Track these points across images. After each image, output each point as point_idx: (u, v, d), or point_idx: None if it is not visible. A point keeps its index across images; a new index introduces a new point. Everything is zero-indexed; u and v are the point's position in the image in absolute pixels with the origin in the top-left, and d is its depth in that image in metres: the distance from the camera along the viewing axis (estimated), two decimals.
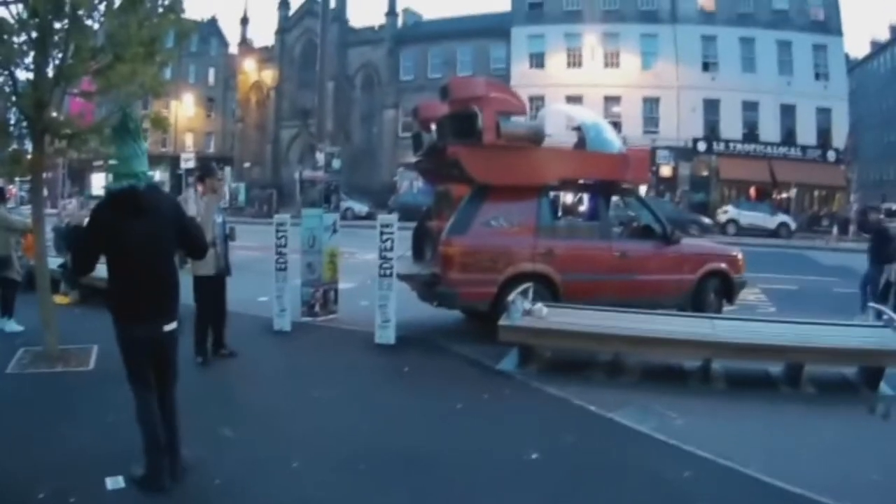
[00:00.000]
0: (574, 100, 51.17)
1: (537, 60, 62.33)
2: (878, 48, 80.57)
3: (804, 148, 57.29)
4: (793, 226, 48.69)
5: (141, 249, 6.12)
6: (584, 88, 57.09)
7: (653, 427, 8.23)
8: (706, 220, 46.59)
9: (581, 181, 14.28)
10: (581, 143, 14.27)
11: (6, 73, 10.22)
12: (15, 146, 11.37)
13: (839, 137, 57.38)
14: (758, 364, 10.82)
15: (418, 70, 67.10)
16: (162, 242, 6.28)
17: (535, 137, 13.15)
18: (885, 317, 11.10)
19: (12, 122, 10.98)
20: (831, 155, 57.31)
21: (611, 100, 58.29)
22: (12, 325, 12.56)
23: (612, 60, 60.53)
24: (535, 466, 7.01)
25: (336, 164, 14.97)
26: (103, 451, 6.66)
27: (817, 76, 58.28)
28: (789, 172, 55.04)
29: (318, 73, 39.27)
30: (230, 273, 11.22)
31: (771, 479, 6.66)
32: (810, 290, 16.86)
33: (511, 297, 11.44)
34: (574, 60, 61.42)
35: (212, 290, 10.87)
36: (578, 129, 14.68)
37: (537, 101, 44.78)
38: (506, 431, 8.09)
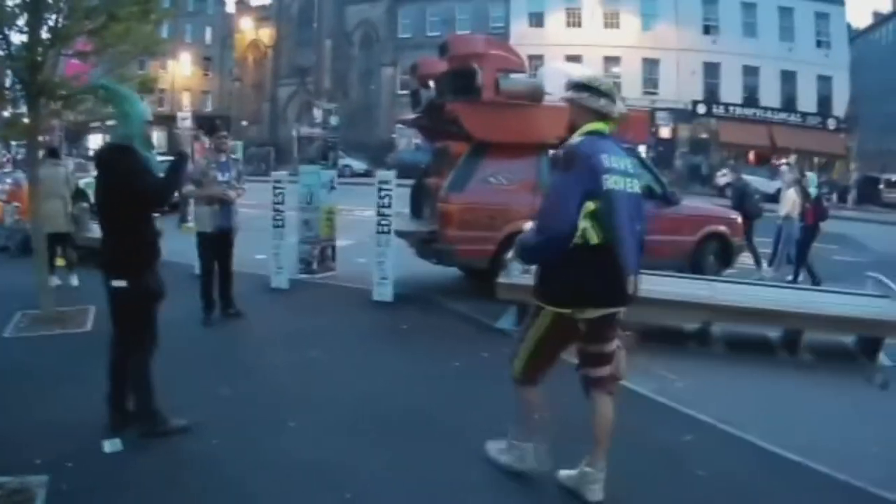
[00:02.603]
0: (573, 59, 50.93)
1: (536, 19, 62.23)
2: (880, 19, 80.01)
3: (804, 115, 57.36)
4: None
5: (97, 202, 6.65)
6: (584, 48, 56.86)
7: (652, 389, 8.20)
8: None
9: None
10: None
11: (0, 36, 10.11)
12: (11, 109, 11.30)
13: (840, 106, 57.46)
14: (757, 328, 10.81)
15: (417, 28, 66.81)
16: (106, 199, 6.46)
17: (535, 95, 12.97)
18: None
19: (7, 85, 10.90)
20: (832, 123, 57.38)
21: (610, 60, 58.18)
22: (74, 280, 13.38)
23: (611, 21, 60.41)
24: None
25: (334, 120, 14.85)
26: (101, 414, 6.59)
27: (819, 44, 58.33)
28: (789, 138, 55.16)
29: (316, 31, 39.15)
30: (234, 231, 11.08)
31: (770, 446, 6.65)
32: (811, 256, 16.83)
33: (510, 254, 11.38)
34: (573, 20, 61.30)
35: (212, 247, 10.82)
36: None
37: (536, 61, 44.53)
38: (504, 391, 7.99)
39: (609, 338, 5.43)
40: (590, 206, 5.05)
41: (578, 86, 5.42)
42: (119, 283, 6.29)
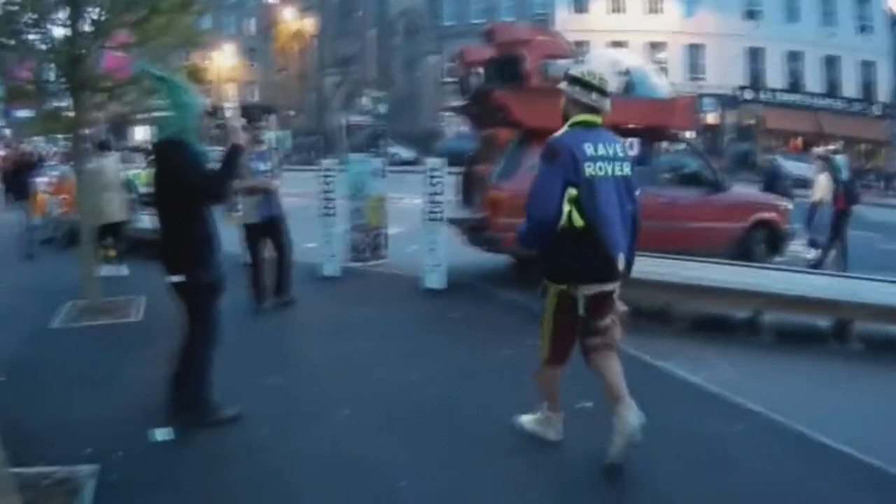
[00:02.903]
0: (617, 45, 50.79)
1: (579, 5, 61.90)
2: None
3: (849, 101, 56.78)
4: None
5: (154, 198, 6.69)
6: (628, 34, 56.52)
7: (704, 378, 8.15)
8: None
9: (628, 126, 14.10)
10: (627, 88, 14.09)
11: (42, 31, 10.24)
12: (54, 103, 11.42)
13: (883, 92, 56.79)
14: (807, 317, 10.62)
15: (460, 16, 66.55)
16: (161, 193, 6.50)
17: None
18: None
19: (50, 79, 11.01)
20: (875, 109, 56.68)
21: (655, 46, 57.75)
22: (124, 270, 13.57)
23: (655, 6, 60.01)
24: (586, 415, 6.92)
25: (382, 108, 14.89)
26: (152, 404, 6.68)
27: (862, 29, 57.51)
28: (834, 125, 54.47)
29: (359, 21, 39.35)
30: (280, 220, 11.15)
31: (820, 437, 6.55)
32: (854, 245, 16.62)
33: None
34: (617, 6, 61.00)
35: (259, 237, 10.93)
36: (626, 73, 14.50)
37: (581, 47, 44.46)
38: None
39: (605, 313, 5.85)
40: (572, 192, 5.52)
41: (572, 79, 5.85)
42: (176, 278, 6.34)
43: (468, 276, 13.20)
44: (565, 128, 5.79)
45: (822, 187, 16.40)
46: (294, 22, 77.89)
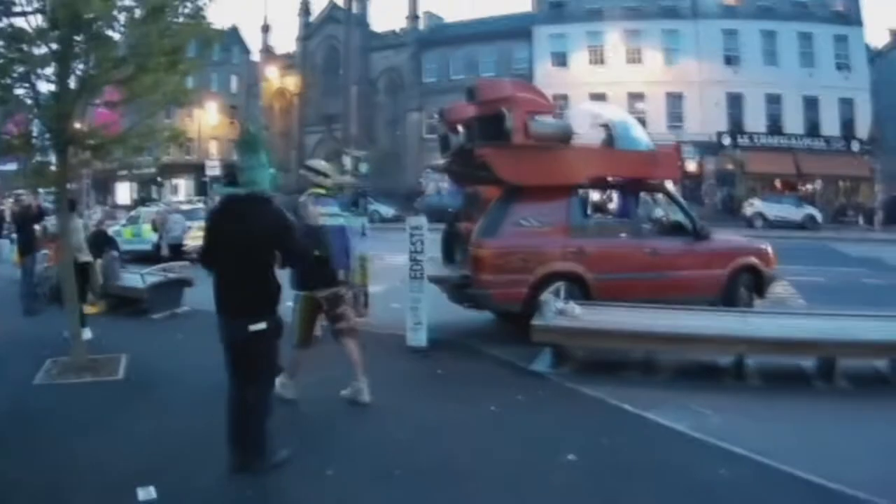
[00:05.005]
0: (598, 98, 51.20)
1: (560, 59, 62.60)
2: None
3: (828, 139, 57.14)
4: (819, 218, 48.93)
5: (229, 249, 6.71)
6: (608, 86, 57.23)
7: (689, 426, 8.18)
8: None
9: (610, 179, 14.20)
10: (609, 141, 14.18)
11: (27, 85, 10.27)
12: (39, 158, 11.41)
13: (863, 128, 57.26)
14: (791, 359, 10.70)
15: (441, 73, 67.42)
16: (249, 246, 6.64)
17: (564, 136, 13.08)
18: None
19: (35, 134, 11.05)
20: (855, 146, 57.08)
21: (634, 96, 58.19)
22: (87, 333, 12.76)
23: (634, 57, 60.69)
24: (572, 468, 6.98)
25: (363, 167, 14.85)
26: (133, 462, 6.71)
27: (839, 67, 58.01)
28: (814, 164, 55.20)
29: (342, 79, 39.53)
30: None
31: (809, 476, 6.61)
32: (839, 282, 16.73)
33: (543, 296, 11.41)
34: (597, 58, 61.73)
35: None
36: (606, 126, 14.61)
37: (561, 101, 44.76)
38: (541, 433, 8.05)
39: (339, 305, 9.11)
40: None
41: (308, 168, 9.46)
42: (258, 327, 6.56)
43: (452, 333, 13.15)
44: (306, 195, 8.97)
45: None
46: (276, 80, 78.27)
